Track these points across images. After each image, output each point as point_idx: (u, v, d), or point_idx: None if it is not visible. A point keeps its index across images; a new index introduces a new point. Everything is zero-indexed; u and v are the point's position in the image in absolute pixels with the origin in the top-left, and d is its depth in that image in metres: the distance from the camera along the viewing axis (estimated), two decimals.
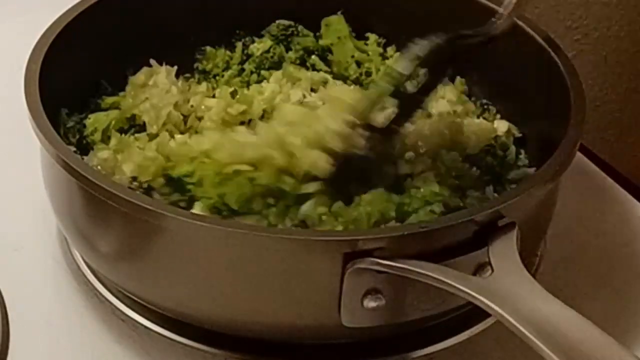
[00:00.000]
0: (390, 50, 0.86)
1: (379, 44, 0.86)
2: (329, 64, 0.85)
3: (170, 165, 0.70)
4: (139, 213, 0.62)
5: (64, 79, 0.74)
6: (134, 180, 0.71)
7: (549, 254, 0.77)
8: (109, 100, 0.79)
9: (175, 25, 0.83)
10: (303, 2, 0.86)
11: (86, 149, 0.75)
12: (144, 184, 0.70)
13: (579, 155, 0.73)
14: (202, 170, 0.68)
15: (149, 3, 0.82)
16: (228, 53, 0.85)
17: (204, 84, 0.81)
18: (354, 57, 0.84)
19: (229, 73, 0.83)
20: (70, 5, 0.77)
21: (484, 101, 0.82)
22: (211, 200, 0.67)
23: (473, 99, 0.83)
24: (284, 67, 0.83)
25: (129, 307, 0.71)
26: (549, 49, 0.75)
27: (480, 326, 0.69)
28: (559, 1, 1.05)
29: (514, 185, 0.73)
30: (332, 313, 0.62)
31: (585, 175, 0.86)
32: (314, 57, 0.84)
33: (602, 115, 1.11)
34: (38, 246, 0.77)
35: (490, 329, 0.69)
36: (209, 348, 0.68)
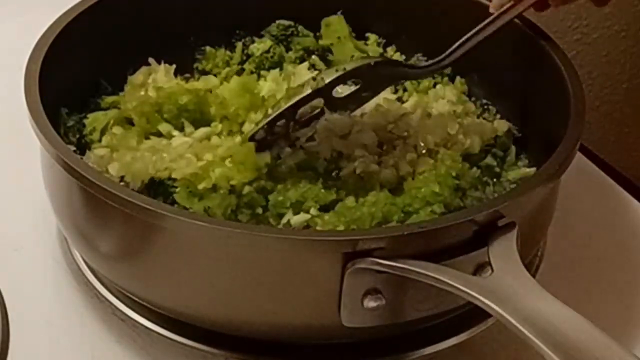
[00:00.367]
0: (390, 50, 0.86)
1: (379, 44, 0.86)
2: (329, 64, 0.84)
3: (160, 168, 0.71)
4: (139, 213, 0.62)
5: (64, 79, 0.74)
6: (121, 180, 0.71)
7: (549, 254, 0.77)
8: (108, 99, 0.79)
9: (175, 25, 0.83)
10: (303, 2, 0.86)
11: (86, 149, 0.75)
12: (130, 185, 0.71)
13: (579, 155, 0.73)
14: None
15: (149, 3, 0.82)
16: (228, 53, 0.85)
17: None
18: (353, 57, 0.84)
19: (226, 71, 0.83)
20: (70, 5, 0.77)
21: (484, 101, 0.82)
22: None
23: (473, 99, 0.83)
24: (284, 67, 0.83)
25: (129, 307, 0.71)
26: (549, 49, 0.75)
27: (480, 326, 0.69)
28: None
29: (514, 185, 0.73)
30: (332, 313, 0.62)
31: (585, 175, 0.86)
32: (314, 57, 0.84)
33: (602, 115, 1.11)
34: (38, 246, 0.77)
35: (490, 329, 0.69)
36: (209, 348, 0.68)
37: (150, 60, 0.81)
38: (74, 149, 0.73)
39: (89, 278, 0.73)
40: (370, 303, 0.61)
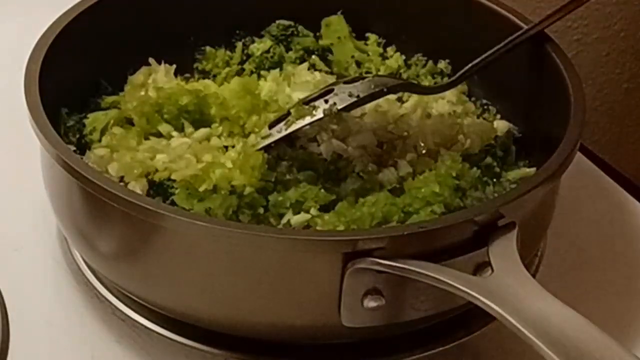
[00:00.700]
0: (390, 50, 0.85)
1: (379, 44, 0.85)
2: (329, 64, 0.85)
3: (159, 169, 0.71)
4: (139, 213, 0.62)
5: (64, 79, 0.74)
6: (121, 180, 0.71)
7: (549, 254, 0.77)
8: (108, 99, 0.79)
9: (175, 25, 0.83)
10: (303, 2, 0.86)
11: (86, 149, 0.75)
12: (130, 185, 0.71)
13: (579, 155, 0.73)
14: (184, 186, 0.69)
15: (149, 3, 0.81)
16: (228, 53, 0.85)
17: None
18: (354, 57, 0.84)
19: (226, 70, 0.83)
20: (70, 5, 0.77)
21: (484, 101, 0.82)
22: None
23: (473, 99, 0.83)
24: (284, 67, 0.83)
25: (129, 307, 0.71)
26: (549, 49, 0.75)
27: (480, 326, 0.69)
28: (559, 1, 1.05)
29: (514, 185, 0.73)
30: (332, 313, 0.62)
31: (585, 175, 0.86)
32: (314, 57, 0.84)
33: (602, 115, 1.11)
34: (38, 246, 0.77)
35: (490, 329, 0.69)
36: (209, 348, 0.68)
37: (151, 60, 0.81)
38: (74, 149, 0.73)
39: (89, 278, 0.73)
40: (370, 303, 0.61)
